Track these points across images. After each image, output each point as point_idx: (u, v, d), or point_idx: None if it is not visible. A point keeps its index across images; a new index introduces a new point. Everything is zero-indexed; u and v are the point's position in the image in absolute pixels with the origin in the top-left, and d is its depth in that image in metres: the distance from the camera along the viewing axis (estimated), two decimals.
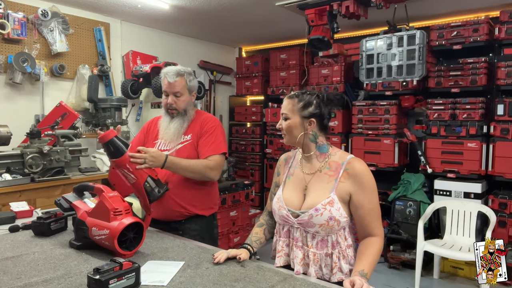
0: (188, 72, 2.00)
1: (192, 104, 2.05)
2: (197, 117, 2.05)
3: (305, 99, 1.46)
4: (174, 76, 1.94)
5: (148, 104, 4.23)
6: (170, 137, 1.97)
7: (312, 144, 1.50)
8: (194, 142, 1.97)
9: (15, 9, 3.30)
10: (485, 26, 3.48)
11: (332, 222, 1.39)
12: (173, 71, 1.96)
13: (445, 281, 3.51)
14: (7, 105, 3.33)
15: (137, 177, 1.62)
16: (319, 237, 1.42)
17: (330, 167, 1.47)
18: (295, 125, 1.47)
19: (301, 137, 1.47)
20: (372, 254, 1.37)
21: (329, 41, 3.36)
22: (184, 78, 1.96)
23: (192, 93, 2.02)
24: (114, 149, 1.58)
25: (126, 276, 1.16)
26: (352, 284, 1.20)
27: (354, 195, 1.41)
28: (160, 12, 3.89)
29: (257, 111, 5.21)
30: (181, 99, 1.96)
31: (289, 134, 1.49)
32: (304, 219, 1.42)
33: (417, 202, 3.73)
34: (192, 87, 2.01)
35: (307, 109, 1.45)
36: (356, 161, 1.45)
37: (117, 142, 1.59)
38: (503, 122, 3.38)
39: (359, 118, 4.11)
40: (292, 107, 1.47)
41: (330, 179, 1.45)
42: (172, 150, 1.96)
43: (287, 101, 1.50)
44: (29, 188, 2.81)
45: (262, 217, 1.67)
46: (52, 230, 1.69)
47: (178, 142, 1.98)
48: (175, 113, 1.98)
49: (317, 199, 1.42)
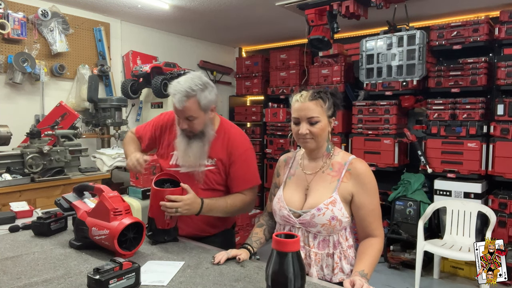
0: (200, 88, 1.62)
1: (211, 121, 1.73)
2: (222, 133, 1.77)
3: (327, 99, 1.44)
4: (182, 101, 1.60)
5: (148, 104, 4.22)
6: (191, 162, 1.71)
7: (325, 144, 1.49)
8: (220, 170, 1.75)
9: (15, 9, 3.29)
10: (485, 26, 3.48)
11: (334, 222, 1.39)
12: (181, 93, 1.60)
13: (445, 281, 3.51)
14: (7, 105, 3.33)
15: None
16: (321, 237, 1.42)
17: (333, 168, 1.47)
18: (325, 127, 1.44)
19: (327, 138, 1.48)
20: (372, 254, 1.37)
21: (329, 41, 3.36)
22: (196, 99, 1.61)
23: (209, 110, 1.68)
24: None
25: (126, 276, 1.16)
26: (352, 284, 1.20)
27: (356, 195, 1.41)
28: (160, 12, 3.89)
29: (257, 111, 5.21)
30: (195, 122, 1.65)
31: (320, 138, 1.44)
32: (306, 219, 1.41)
33: (417, 202, 3.73)
34: (208, 104, 1.65)
35: (331, 109, 1.45)
36: (358, 162, 1.45)
37: None
38: (503, 122, 3.38)
39: (359, 118, 4.11)
40: (321, 109, 1.42)
41: (333, 179, 1.45)
42: (191, 171, 1.74)
43: (313, 103, 1.41)
44: (29, 188, 2.82)
45: (262, 218, 1.66)
46: (52, 230, 1.68)
47: (202, 165, 1.74)
48: (191, 135, 1.70)
49: (319, 198, 1.42)
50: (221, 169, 1.75)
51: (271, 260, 0.98)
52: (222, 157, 1.74)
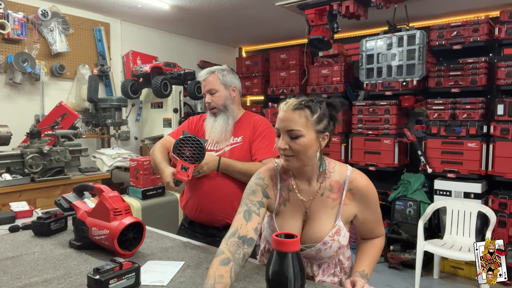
0: (220, 68, 1.95)
1: (233, 100, 1.95)
2: (247, 118, 1.97)
3: (318, 109, 1.19)
4: (204, 74, 1.93)
5: (148, 104, 4.22)
6: (217, 135, 1.90)
7: (316, 164, 1.26)
8: (245, 145, 1.90)
9: (15, 9, 3.29)
10: (485, 26, 3.48)
11: (341, 250, 1.31)
12: (204, 71, 1.95)
13: (445, 281, 3.51)
14: (7, 105, 3.33)
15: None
16: (325, 264, 1.35)
17: (332, 189, 1.29)
18: (310, 143, 1.19)
19: (316, 157, 1.23)
20: (373, 253, 1.36)
21: (329, 41, 3.36)
22: (216, 74, 1.91)
23: (229, 88, 1.93)
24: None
25: (126, 276, 1.16)
26: (352, 285, 1.20)
27: (359, 213, 1.32)
28: (160, 12, 3.89)
29: (257, 111, 5.19)
30: (216, 95, 1.91)
31: (303, 155, 1.20)
32: (311, 254, 1.29)
33: (417, 202, 3.73)
34: (228, 82, 1.93)
35: (322, 122, 1.20)
36: (358, 177, 1.30)
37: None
38: (503, 122, 3.37)
39: (359, 118, 4.11)
40: (305, 121, 1.18)
41: (334, 203, 1.29)
42: (220, 151, 1.89)
43: (297, 113, 1.18)
44: (29, 188, 2.82)
45: (227, 247, 1.13)
46: (52, 230, 1.68)
47: (227, 143, 1.90)
48: (216, 111, 1.92)
49: (323, 229, 1.27)
50: (246, 145, 1.90)
51: (271, 260, 0.98)
52: (247, 134, 1.92)
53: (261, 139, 1.89)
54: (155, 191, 3.26)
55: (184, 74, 4.04)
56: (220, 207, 1.86)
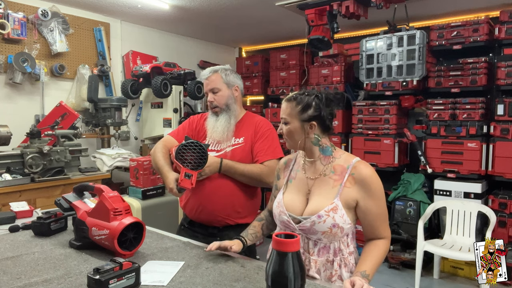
0: (223, 68, 1.97)
1: (235, 99, 1.97)
2: (249, 119, 1.98)
3: (303, 101, 1.38)
4: (207, 73, 1.94)
5: (148, 104, 4.22)
6: (219, 135, 1.90)
7: (316, 147, 1.43)
8: (247, 147, 1.91)
9: (15, 9, 3.30)
10: (485, 26, 3.48)
11: (336, 229, 1.34)
12: (207, 69, 1.97)
13: (445, 281, 3.51)
14: (7, 105, 3.33)
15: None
16: (322, 244, 1.38)
17: (335, 171, 1.41)
18: (295, 129, 1.40)
19: (302, 142, 1.41)
20: (376, 255, 1.36)
21: (329, 41, 3.36)
22: (219, 73, 1.93)
23: (232, 88, 1.95)
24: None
25: (126, 276, 1.16)
26: (352, 284, 1.19)
27: (361, 201, 1.36)
28: (160, 12, 3.89)
29: (257, 111, 5.19)
30: (219, 94, 1.91)
31: (290, 139, 1.43)
32: (306, 226, 1.36)
33: (417, 202, 3.73)
34: (231, 82, 1.94)
35: (306, 112, 1.38)
36: (362, 165, 1.39)
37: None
38: (503, 122, 3.38)
39: (359, 118, 4.11)
40: (290, 111, 1.40)
41: (335, 183, 1.39)
42: (222, 152, 1.89)
43: (285, 104, 1.42)
44: (29, 188, 2.82)
45: (263, 212, 1.63)
46: (52, 230, 1.68)
47: (229, 143, 1.91)
48: (218, 110, 1.93)
49: (320, 204, 1.36)
50: (247, 146, 1.91)
51: (271, 260, 0.98)
52: (249, 135, 1.93)
53: (262, 140, 1.90)
54: (155, 191, 3.26)
55: (184, 74, 4.04)
56: (220, 207, 1.86)
